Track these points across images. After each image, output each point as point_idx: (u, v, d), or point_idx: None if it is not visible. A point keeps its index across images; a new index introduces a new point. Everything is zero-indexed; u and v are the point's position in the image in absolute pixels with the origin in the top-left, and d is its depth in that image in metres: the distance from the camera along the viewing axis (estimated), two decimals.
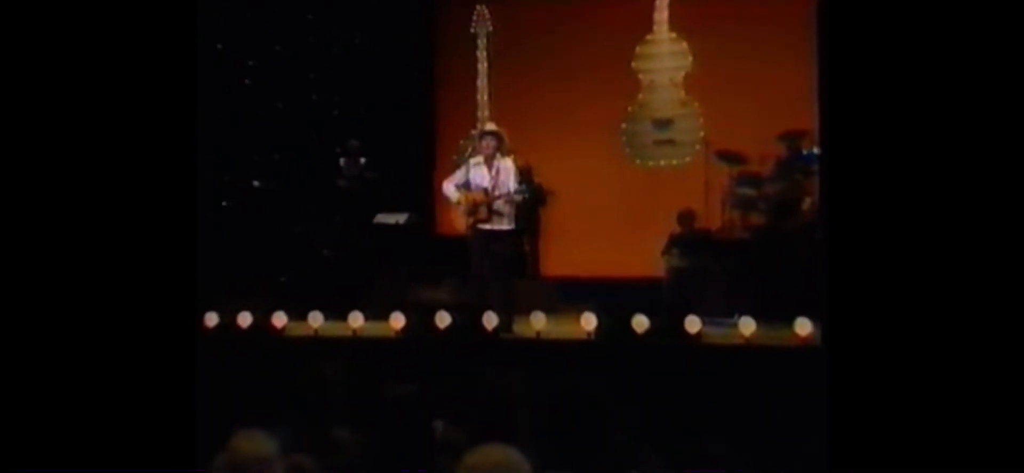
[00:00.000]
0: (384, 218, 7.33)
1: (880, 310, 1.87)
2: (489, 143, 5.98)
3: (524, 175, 7.64)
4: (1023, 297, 1.80)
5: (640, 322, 5.13)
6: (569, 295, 7.05)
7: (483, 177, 5.94)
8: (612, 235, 8.41)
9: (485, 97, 8.82)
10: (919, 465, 1.83)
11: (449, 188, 6.11)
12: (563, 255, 8.39)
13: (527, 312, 5.62)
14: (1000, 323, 1.81)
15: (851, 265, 1.91)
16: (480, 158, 6.01)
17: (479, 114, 8.67)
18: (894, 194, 1.89)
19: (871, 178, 1.91)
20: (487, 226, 5.90)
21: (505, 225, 5.99)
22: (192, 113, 2.17)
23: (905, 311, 1.86)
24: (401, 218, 7.32)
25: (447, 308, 5.65)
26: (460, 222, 6.02)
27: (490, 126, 6.22)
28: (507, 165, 6.02)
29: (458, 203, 5.97)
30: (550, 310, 5.90)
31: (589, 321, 5.29)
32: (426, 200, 7.89)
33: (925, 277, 1.85)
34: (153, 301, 2.08)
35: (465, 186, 6.04)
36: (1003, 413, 1.80)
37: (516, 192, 5.85)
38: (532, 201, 7.10)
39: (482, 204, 5.89)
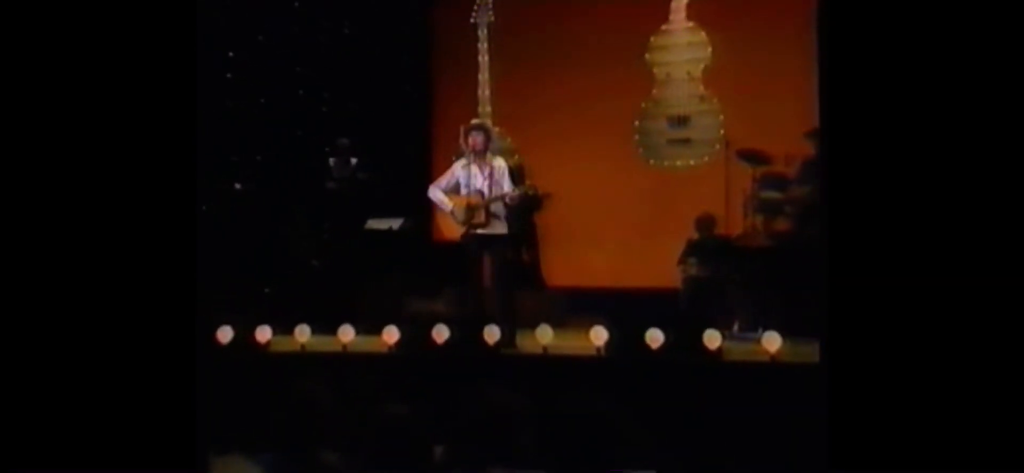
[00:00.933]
0: (376, 223, 7.36)
1: (880, 309, 2.05)
2: (477, 139, 5.97)
3: (521, 174, 7.68)
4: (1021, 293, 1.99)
5: (654, 337, 5.14)
6: (577, 307, 7.08)
7: (477, 178, 5.95)
8: (624, 242, 8.44)
9: (486, 92, 8.82)
10: (919, 466, 2.00)
11: (436, 194, 6.11)
12: (571, 264, 8.41)
13: (532, 325, 5.64)
14: (1002, 326, 1.99)
15: (851, 265, 2.09)
16: (466, 158, 6.00)
17: (480, 111, 8.67)
18: (894, 194, 2.09)
19: (871, 178, 2.09)
20: (485, 231, 5.92)
21: (502, 230, 6.03)
22: (192, 119, 2.27)
23: (905, 311, 2.05)
24: (395, 223, 7.35)
25: (445, 321, 5.67)
26: (451, 229, 6.04)
27: (476, 120, 6.25)
28: (499, 164, 6.04)
29: (452, 210, 5.99)
30: (557, 323, 5.91)
31: (599, 335, 5.30)
32: (422, 203, 7.83)
33: (925, 277, 2.04)
34: (149, 315, 2.20)
35: (454, 190, 6.05)
36: (1005, 418, 1.97)
37: (515, 193, 5.85)
38: (528, 205, 7.12)
39: (479, 208, 5.90)
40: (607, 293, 7.77)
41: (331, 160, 7.51)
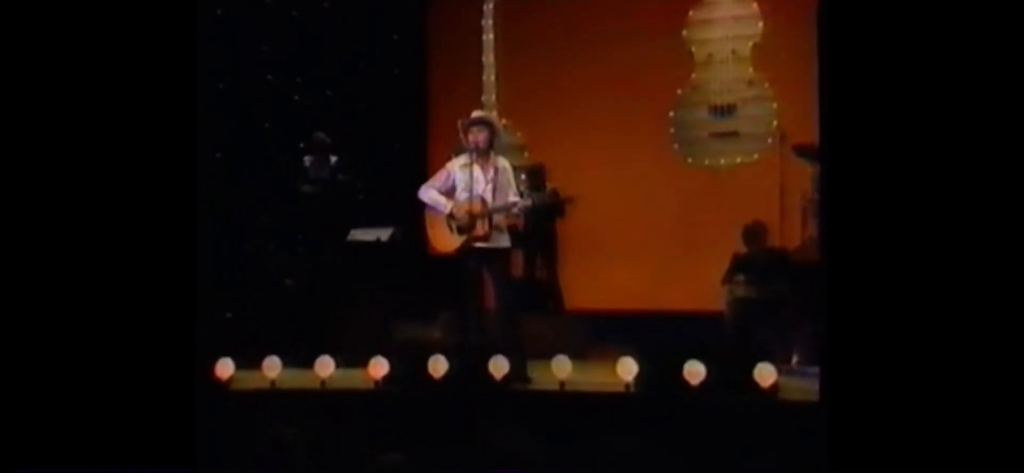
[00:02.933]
0: (361, 234, 7.40)
1: (880, 310, 2.49)
2: (479, 135, 5.95)
3: (534, 177, 7.67)
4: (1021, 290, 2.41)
5: (694, 371, 5.14)
6: (601, 334, 7.11)
7: (479, 182, 5.96)
8: (657, 256, 8.49)
9: (492, 78, 8.86)
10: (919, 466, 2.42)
11: (430, 194, 6.09)
12: (593, 282, 8.43)
13: (547, 356, 5.66)
14: (1003, 326, 2.43)
15: (851, 266, 2.52)
16: (467, 157, 6.00)
17: (483, 101, 8.74)
18: (895, 194, 2.50)
19: (871, 178, 2.51)
20: (486, 245, 5.93)
21: (506, 243, 6.04)
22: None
23: (904, 311, 2.47)
24: (383, 234, 7.38)
25: (443, 351, 5.68)
26: (446, 240, 6.05)
27: (479, 112, 6.22)
28: (504, 166, 6.05)
29: (450, 213, 5.98)
30: (577, 353, 5.91)
31: (628, 368, 5.31)
32: (414, 210, 7.84)
33: (925, 279, 2.47)
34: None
35: (449, 193, 6.06)
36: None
37: (526, 201, 5.84)
38: (546, 212, 7.12)
39: (480, 216, 5.91)
40: (637, 317, 7.83)
41: (306, 159, 7.56)
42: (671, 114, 8.75)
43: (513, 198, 5.95)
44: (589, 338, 7.15)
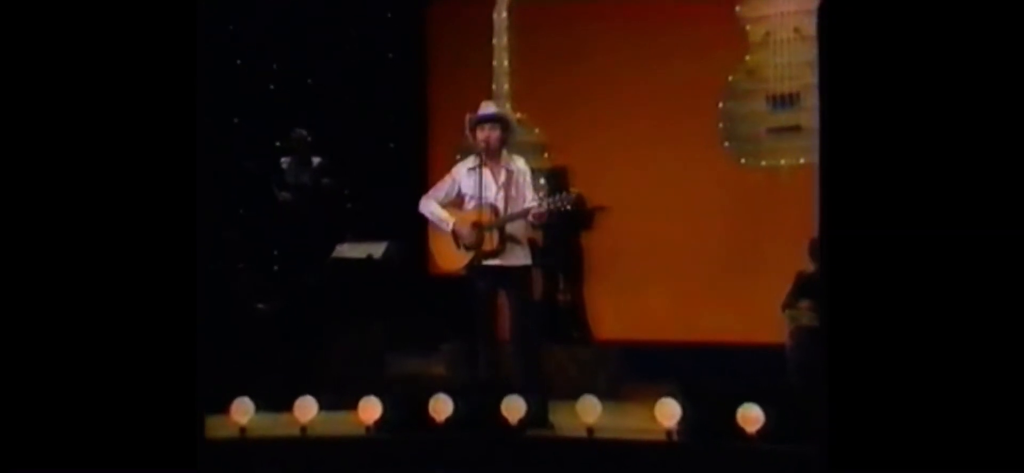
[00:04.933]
0: (349, 250, 7.42)
1: (879, 309, 3.01)
2: (491, 133, 5.99)
3: (556, 183, 7.61)
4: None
5: (750, 416, 5.15)
6: (636, 370, 7.14)
7: (489, 187, 5.99)
8: (703, 277, 8.46)
9: (504, 64, 8.86)
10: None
11: (431, 207, 6.13)
12: (626, 307, 8.45)
13: (572, 396, 5.66)
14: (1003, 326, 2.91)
15: (850, 266, 3.04)
16: (475, 159, 6.03)
17: (494, 91, 8.75)
18: (895, 193, 2.98)
19: (871, 178, 3.02)
20: (498, 261, 5.95)
21: (523, 260, 6.04)
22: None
23: (904, 312, 2.99)
24: (376, 250, 7.40)
25: (447, 390, 5.68)
26: (452, 257, 6.06)
27: (488, 107, 6.23)
28: (521, 168, 6.08)
29: (453, 230, 5.99)
30: (608, 393, 5.94)
31: (669, 412, 5.31)
32: (413, 222, 7.85)
33: (927, 281, 2.97)
34: None
35: (456, 203, 6.10)
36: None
37: (542, 208, 5.82)
38: (569, 221, 7.10)
39: (490, 227, 5.93)
40: (680, 350, 7.85)
41: (284, 161, 7.62)
42: (720, 105, 8.69)
43: (531, 203, 5.96)
44: (622, 375, 7.18)
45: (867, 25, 3.11)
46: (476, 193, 5.97)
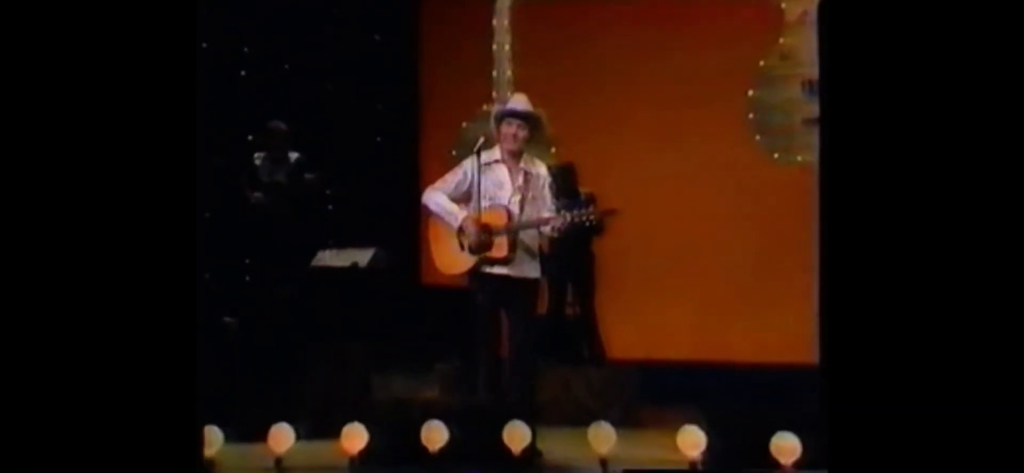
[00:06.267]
0: (331, 258, 7.42)
1: (879, 310, 3.30)
2: (517, 131, 5.99)
3: (563, 181, 7.52)
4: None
5: (784, 445, 5.16)
6: (656, 394, 7.11)
7: (504, 186, 5.98)
8: (731, 289, 8.48)
9: (506, 48, 8.86)
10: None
11: (438, 199, 6.07)
12: (644, 323, 8.45)
13: (582, 422, 5.64)
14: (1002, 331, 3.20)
15: (850, 267, 3.35)
16: (495, 154, 6.04)
17: (494, 76, 8.79)
18: (895, 194, 3.28)
19: (871, 178, 3.31)
20: (504, 271, 5.94)
21: (532, 272, 6.03)
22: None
23: (904, 312, 3.27)
24: (362, 257, 7.39)
25: (442, 415, 5.65)
26: (453, 260, 6.03)
27: (520, 102, 6.20)
28: (541, 173, 6.09)
29: (461, 226, 5.96)
30: (624, 420, 5.94)
31: (693, 441, 5.30)
32: (405, 225, 7.84)
33: (926, 282, 3.26)
34: None
35: (463, 199, 6.06)
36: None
37: (562, 221, 5.82)
38: (580, 229, 7.07)
39: (501, 232, 5.92)
40: (705, 370, 7.84)
41: (257, 156, 7.60)
42: (750, 93, 8.73)
43: (549, 214, 5.96)
44: (640, 399, 7.17)
45: (867, 25, 3.37)
46: (489, 191, 5.97)
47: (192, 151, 3.81)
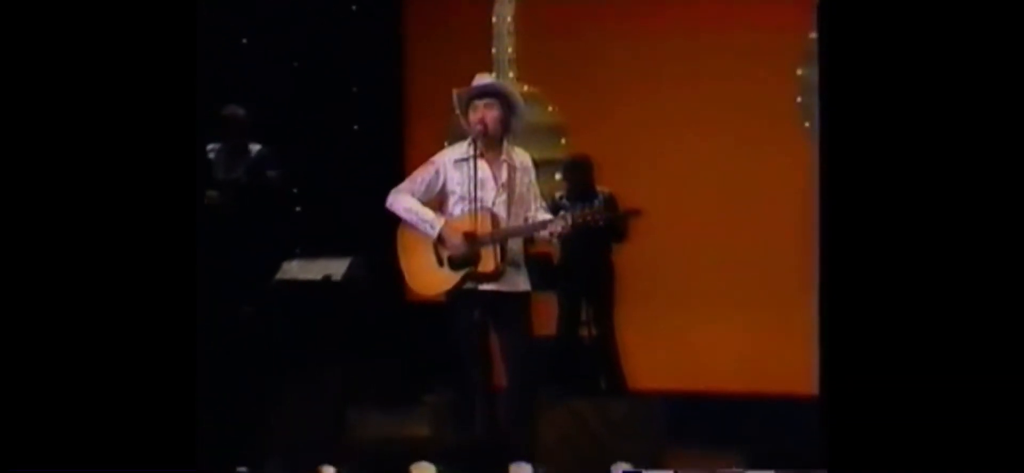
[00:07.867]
0: (300, 269, 7.50)
1: (880, 310, 3.66)
2: (486, 113, 5.92)
3: (576, 177, 7.61)
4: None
5: None
6: (686, 430, 7.11)
7: (486, 185, 5.93)
8: (775, 305, 8.47)
9: (507, 21, 8.90)
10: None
11: (406, 202, 6.02)
12: (672, 347, 8.51)
13: (600, 464, 5.84)
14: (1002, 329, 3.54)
15: (849, 267, 3.75)
16: (467, 146, 5.99)
17: (494, 57, 8.82)
18: (895, 194, 3.65)
19: (871, 178, 3.69)
20: (495, 286, 5.87)
21: (522, 285, 5.98)
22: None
23: (904, 312, 3.62)
24: (335, 269, 7.47)
25: (429, 455, 5.80)
26: (432, 278, 5.98)
27: (485, 78, 6.18)
28: (524, 161, 6.04)
29: (439, 235, 5.92)
30: (649, 460, 5.97)
31: None
32: (388, 231, 7.84)
33: (927, 282, 3.61)
34: None
35: (436, 202, 6.04)
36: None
37: (573, 222, 5.75)
38: (597, 234, 7.05)
39: (487, 242, 5.88)
40: (743, 403, 7.89)
41: (211, 150, 7.57)
42: (799, 72, 8.66)
43: (542, 215, 5.95)
44: (668, 436, 7.09)
45: (868, 24, 3.63)
46: (467, 192, 5.91)
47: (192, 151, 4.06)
